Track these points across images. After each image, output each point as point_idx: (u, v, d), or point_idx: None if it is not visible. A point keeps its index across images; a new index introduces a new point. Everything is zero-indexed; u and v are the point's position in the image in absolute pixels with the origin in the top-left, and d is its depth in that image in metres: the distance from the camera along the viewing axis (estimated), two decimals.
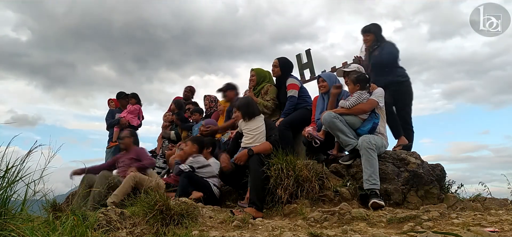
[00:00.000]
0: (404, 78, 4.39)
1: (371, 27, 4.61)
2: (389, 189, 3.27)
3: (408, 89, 4.41)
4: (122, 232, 2.53)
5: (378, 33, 4.58)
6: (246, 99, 4.14)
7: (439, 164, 3.53)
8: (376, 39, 4.56)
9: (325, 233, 2.36)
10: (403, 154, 3.55)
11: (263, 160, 3.47)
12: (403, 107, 4.37)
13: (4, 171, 2.08)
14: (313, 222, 2.78)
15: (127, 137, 4.99)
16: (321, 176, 3.41)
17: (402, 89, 4.33)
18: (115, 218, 2.65)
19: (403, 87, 4.36)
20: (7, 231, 1.81)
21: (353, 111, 3.51)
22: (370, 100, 3.55)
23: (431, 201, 3.21)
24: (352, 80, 3.66)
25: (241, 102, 4.08)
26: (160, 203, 2.73)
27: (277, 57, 4.72)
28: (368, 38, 4.61)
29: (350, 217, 2.76)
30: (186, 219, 2.74)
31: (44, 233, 1.94)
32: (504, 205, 3.03)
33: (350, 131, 3.49)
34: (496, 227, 2.22)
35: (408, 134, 4.31)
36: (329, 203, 3.25)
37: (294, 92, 4.40)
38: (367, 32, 4.62)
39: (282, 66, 4.65)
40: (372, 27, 4.61)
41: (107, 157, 6.42)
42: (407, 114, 4.41)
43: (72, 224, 2.10)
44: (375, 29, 4.60)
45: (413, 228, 2.35)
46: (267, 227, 2.66)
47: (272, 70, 4.72)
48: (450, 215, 2.64)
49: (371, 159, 3.20)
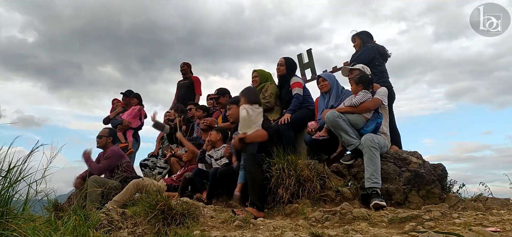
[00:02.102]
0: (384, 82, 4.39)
1: (359, 34, 4.87)
2: (391, 188, 3.26)
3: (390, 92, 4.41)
4: (124, 232, 2.54)
5: (365, 39, 4.80)
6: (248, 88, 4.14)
7: (441, 163, 3.52)
8: (363, 43, 4.74)
9: (327, 233, 2.36)
10: (405, 153, 3.54)
11: (258, 159, 3.46)
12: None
13: (6, 171, 2.09)
14: (314, 222, 2.78)
15: (104, 136, 4.96)
16: (323, 175, 3.40)
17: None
18: (116, 218, 2.65)
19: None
20: (9, 231, 1.82)
21: (359, 109, 3.52)
22: (374, 99, 3.56)
23: (432, 201, 3.20)
24: (354, 81, 3.66)
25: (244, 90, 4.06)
26: (161, 203, 2.74)
27: (283, 56, 4.78)
28: (355, 44, 4.86)
29: (351, 217, 2.76)
30: (188, 219, 2.74)
31: (46, 233, 1.94)
32: (506, 205, 3.02)
33: (353, 131, 3.48)
34: (497, 227, 2.21)
35: (396, 136, 4.31)
36: (331, 203, 3.25)
37: (299, 90, 4.43)
38: (354, 38, 4.89)
39: (288, 65, 4.70)
40: (361, 33, 4.86)
41: None
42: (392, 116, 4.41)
43: (74, 224, 2.10)
44: (364, 35, 4.84)
45: (415, 228, 2.35)
46: (268, 227, 2.66)
47: (277, 69, 4.74)
48: (451, 215, 2.64)
49: (373, 158, 3.20)
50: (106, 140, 4.93)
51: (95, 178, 4.46)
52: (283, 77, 4.69)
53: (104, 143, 4.93)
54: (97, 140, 5.00)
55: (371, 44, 4.74)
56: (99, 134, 5.02)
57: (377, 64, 4.54)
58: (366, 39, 4.82)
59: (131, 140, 6.58)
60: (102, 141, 4.94)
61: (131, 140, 6.58)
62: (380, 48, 4.67)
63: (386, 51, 4.69)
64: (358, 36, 4.86)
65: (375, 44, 4.74)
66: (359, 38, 4.83)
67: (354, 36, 4.89)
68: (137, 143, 6.77)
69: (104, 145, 4.93)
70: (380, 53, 4.63)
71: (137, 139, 6.83)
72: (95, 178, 4.48)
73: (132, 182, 4.18)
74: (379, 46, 4.71)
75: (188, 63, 7.21)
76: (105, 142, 4.93)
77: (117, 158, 4.86)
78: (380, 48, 4.67)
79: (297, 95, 4.39)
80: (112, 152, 4.86)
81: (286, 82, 4.60)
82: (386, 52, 4.69)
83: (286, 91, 4.56)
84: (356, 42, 4.85)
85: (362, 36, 4.85)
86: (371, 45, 4.70)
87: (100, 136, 4.97)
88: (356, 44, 4.84)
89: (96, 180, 4.39)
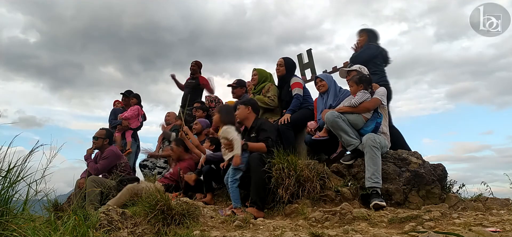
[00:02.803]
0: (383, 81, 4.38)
1: (367, 30, 4.76)
2: (391, 189, 3.26)
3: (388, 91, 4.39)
4: (124, 232, 2.54)
5: (371, 37, 4.72)
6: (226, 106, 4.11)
7: (441, 163, 3.53)
8: (368, 41, 4.68)
9: (326, 233, 2.36)
10: (404, 154, 3.55)
11: (264, 159, 3.48)
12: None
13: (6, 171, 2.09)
14: (314, 222, 2.78)
15: (100, 138, 4.96)
16: (322, 175, 3.40)
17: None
18: (116, 218, 2.65)
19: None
20: (9, 231, 1.82)
21: (358, 109, 3.52)
22: (373, 99, 3.56)
23: (432, 201, 3.20)
24: (354, 81, 3.66)
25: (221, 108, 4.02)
26: (161, 203, 2.74)
27: (282, 57, 4.77)
28: (361, 39, 4.76)
29: (351, 217, 2.76)
30: (187, 219, 2.74)
31: (46, 233, 1.94)
32: (505, 205, 3.02)
33: (353, 131, 3.49)
34: (497, 227, 2.21)
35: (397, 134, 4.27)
36: (330, 203, 3.25)
37: (299, 90, 4.44)
38: (361, 32, 4.78)
39: (287, 65, 4.70)
40: (369, 31, 4.76)
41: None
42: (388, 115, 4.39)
43: (74, 223, 2.10)
44: (371, 33, 4.75)
45: (415, 228, 2.35)
46: (268, 227, 2.66)
47: (276, 69, 4.74)
48: (451, 215, 2.64)
49: (374, 157, 3.20)
50: (102, 142, 4.95)
51: (93, 178, 4.46)
52: (282, 77, 4.69)
53: (100, 144, 4.95)
54: (94, 141, 5.01)
55: (375, 44, 4.69)
56: (95, 135, 5.03)
57: (378, 64, 4.53)
58: (372, 37, 4.74)
59: (130, 140, 6.58)
60: (98, 142, 4.95)
61: (130, 140, 6.59)
62: (383, 51, 4.65)
63: (388, 55, 4.69)
64: (366, 32, 4.76)
65: (379, 46, 4.71)
66: (366, 34, 4.75)
67: (362, 31, 4.79)
68: (136, 143, 6.77)
69: (100, 146, 4.94)
70: (383, 55, 4.62)
71: (136, 139, 6.83)
72: (93, 178, 4.48)
73: (127, 187, 4.17)
74: (382, 49, 4.69)
75: (199, 63, 7.09)
76: (102, 143, 4.95)
77: (115, 158, 4.87)
78: (383, 51, 4.65)
79: (297, 95, 4.39)
80: (110, 152, 4.87)
81: (286, 82, 4.60)
82: (387, 56, 4.68)
83: (286, 92, 4.56)
84: (361, 37, 4.76)
85: (370, 33, 4.76)
86: (374, 45, 4.66)
87: (96, 137, 4.98)
88: (361, 39, 4.75)
89: (94, 180, 4.39)
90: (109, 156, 4.83)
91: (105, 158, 4.83)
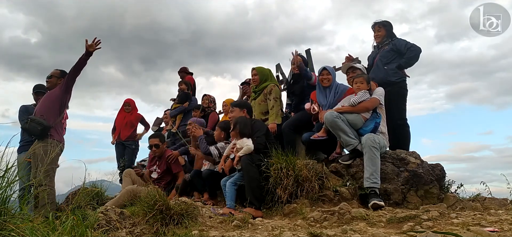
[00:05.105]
0: (400, 79, 4.25)
1: (385, 23, 4.50)
2: (389, 188, 3.27)
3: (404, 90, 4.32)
4: (122, 232, 2.54)
5: (390, 30, 4.49)
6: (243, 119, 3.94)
7: (439, 163, 3.53)
8: (387, 36, 4.47)
9: (325, 233, 2.36)
10: (403, 153, 3.55)
11: (254, 159, 3.46)
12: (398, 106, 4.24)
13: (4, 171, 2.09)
14: (312, 222, 2.78)
15: (54, 76, 4.40)
16: (321, 175, 3.41)
17: (395, 90, 4.17)
18: (115, 218, 2.65)
19: (397, 88, 4.20)
20: (7, 231, 1.81)
21: (357, 109, 3.51)
22: (373, 98, 3.57)
23: (430, 200, 3.21)
24: (365, 79, 3.65)
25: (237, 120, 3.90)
26: (160, 203, 2.74)
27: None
28: (379, 34, 4.50)
29: (349, 216, 2.76)
30: (186, 219, 2.74)
31: (44, 233, 1.94)
32: (503, 204, 3.03)
33: (352, 131, 3.49)
34: (495, 226, 2.22)
35: (404, 129, 4.23)
36: (329, 202, 3.25)
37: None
38: (379, 26, 4.51)
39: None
40: (386, 23, 4.51)
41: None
42: (402, 111, 4.28)
43: (72, 223, 2.10)
44: (388, 25, 4.51)
45: (413, 228, 2.35)
46: (266, 226, 2.66)
47: (293, 68, 4.51)
48: (449, 215, 2.64)
49: (374, 158, 3.20)
50: (56, 80, 4.39)
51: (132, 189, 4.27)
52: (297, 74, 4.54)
53: (54, 83, 4.36)
54: (47, 80, 4.44)
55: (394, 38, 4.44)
56: (49, 74, 4.46)
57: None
58: (391, 32, 4.49)
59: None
60: (52, 81, 4.36)
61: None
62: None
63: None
64: (384, 26, 4.48)
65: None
66: (385, 29, 4.47)
67: (379, 26, 4.51)
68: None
69: (54, 84, 4.36)
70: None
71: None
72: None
73: (125, 189, 4.14)
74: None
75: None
76: (55, 82, 4.37)
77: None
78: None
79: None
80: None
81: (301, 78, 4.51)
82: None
83: (300, 86, 4.53)
84: (380, 32, 4.48)
85: (388, 27, 4.49)
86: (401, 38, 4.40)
87: (50, 76, 4.43)
88: (379, 34, 4.48)
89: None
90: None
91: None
